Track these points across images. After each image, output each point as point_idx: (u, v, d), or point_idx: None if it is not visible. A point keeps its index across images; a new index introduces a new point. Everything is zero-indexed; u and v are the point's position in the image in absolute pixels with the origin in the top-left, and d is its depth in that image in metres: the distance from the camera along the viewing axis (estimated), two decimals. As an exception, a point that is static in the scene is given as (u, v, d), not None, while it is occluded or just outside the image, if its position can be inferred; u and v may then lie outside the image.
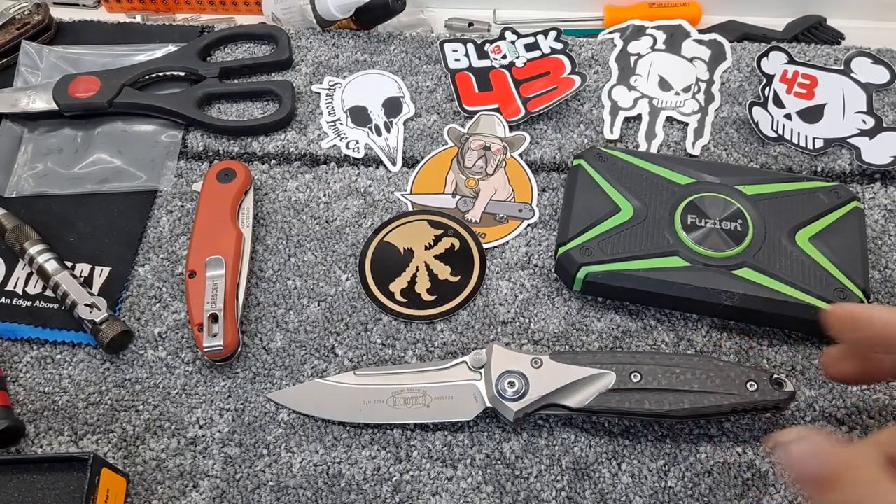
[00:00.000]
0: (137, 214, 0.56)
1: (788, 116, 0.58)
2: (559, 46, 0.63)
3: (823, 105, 0.59)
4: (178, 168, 0.59)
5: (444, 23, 0.70)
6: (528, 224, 0.55)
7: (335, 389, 0.48)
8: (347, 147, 0.59)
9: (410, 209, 0.56)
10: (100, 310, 0.49)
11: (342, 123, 0.61)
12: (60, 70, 0.63)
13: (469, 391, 0.46)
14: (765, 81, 0.60)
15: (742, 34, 0.66)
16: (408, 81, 0.63)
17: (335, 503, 0.44)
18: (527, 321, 0.50)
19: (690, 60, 0.62)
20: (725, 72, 0.62)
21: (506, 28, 0.65)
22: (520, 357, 0.46)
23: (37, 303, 0.52)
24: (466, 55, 0.63)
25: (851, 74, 0.60)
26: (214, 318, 0.48)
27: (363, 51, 0.65)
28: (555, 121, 0.60)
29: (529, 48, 0.64)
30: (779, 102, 0.59)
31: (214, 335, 0.48)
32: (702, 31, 0.64)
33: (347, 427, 0.47)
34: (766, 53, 0.62)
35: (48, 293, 0.52)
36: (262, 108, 0.62)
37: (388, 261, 0.53)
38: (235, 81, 0.63)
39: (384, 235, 0.54)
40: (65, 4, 0.72)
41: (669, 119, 0.59)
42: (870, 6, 0.68)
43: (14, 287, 0.53)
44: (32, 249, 0.52)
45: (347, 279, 0.53)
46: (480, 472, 0.45)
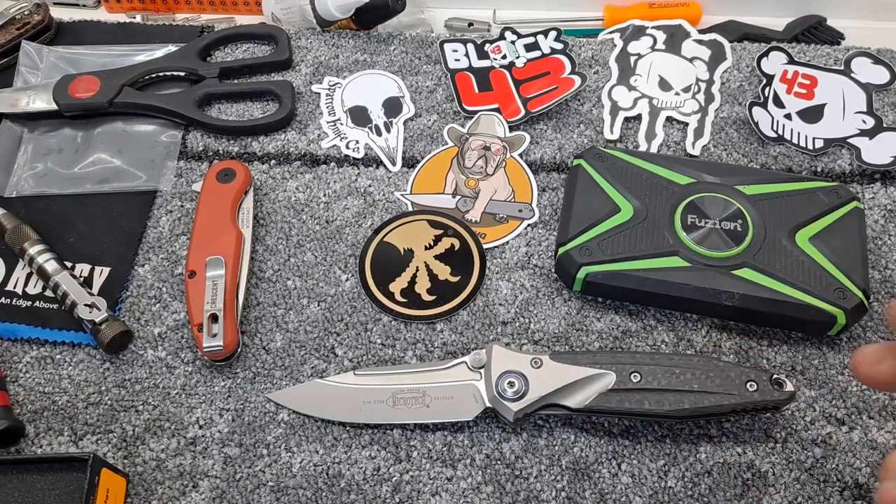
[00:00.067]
0: (137, 214, 0.56)
1: (788, 116, 0.58)
2: (559, 46, 0.63)
3: (823, 105, 0.59)
4: (178, 168, 0.59)
5: (444, 23, 0.70)
6: (528, 224, 0.55)
7: (335, 389, 0.48)
8: (347, 147, 0.59)
9: (410, 209, 0.56)
10: (100, 310, 0.49)
11: (342, 123, 0.61)
12: (60, 70, 0.63)
13: (469, 391, 0.46)
14: (765, 81, 0.60)
15: (742, 34, 0.66)
16: (408, 81, 0.63)
17: (335, 503, 0.44)
18: (527, 321, 0.50)
19: (690, 60, 0.62)
20: (725, 72, 0.62)
21: (506, 28, 0.65)
22: (520, 357, 0.46)
23: (37, 303, 0.52)
24: (466, 55, 0.63)
25: (851, 74, 0.60)
26: (214, 319, 0.48)
27: (363, 51, 0.65)
28: (555, 121, 0.60)
29: (529, 48, 0.64)
30: (779, 102, 0.59)
31: (214, 335, 0.48)
32: (702, 31, 0.64)
33: (347, 427, 0.47)
34: (766, 53, 0.62)
35: (48, 293, 0.52)
36: (262, 108, 0.62)
37: (388, 261, 0.53)
38: (235, 81, 0.63)
39: (384, 235, 0.54)
40: (65, 4, 0.72)
41: (669, 119, 0.59)
42: (870, 6, 0.68)
43: (14, 287, 0.53)
44: (32, 249, 0.52)
45: (347, 279, 0.53)
46: (480, 473, 0.45)
